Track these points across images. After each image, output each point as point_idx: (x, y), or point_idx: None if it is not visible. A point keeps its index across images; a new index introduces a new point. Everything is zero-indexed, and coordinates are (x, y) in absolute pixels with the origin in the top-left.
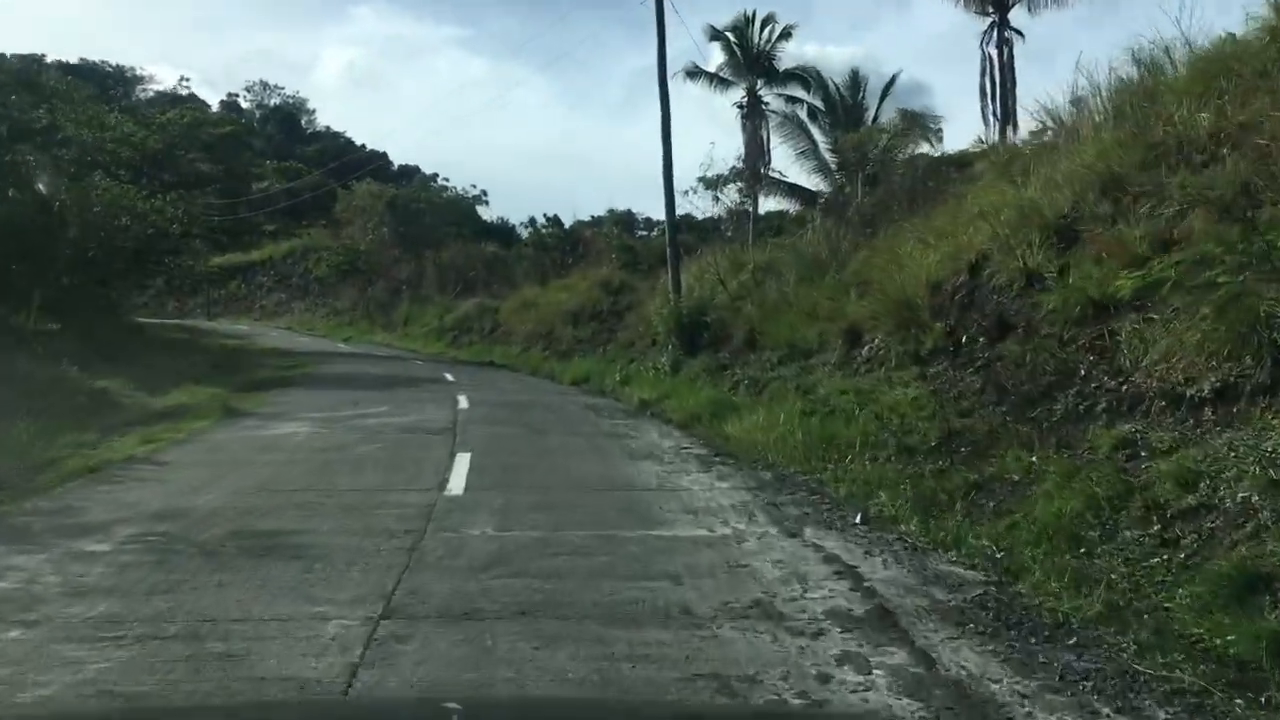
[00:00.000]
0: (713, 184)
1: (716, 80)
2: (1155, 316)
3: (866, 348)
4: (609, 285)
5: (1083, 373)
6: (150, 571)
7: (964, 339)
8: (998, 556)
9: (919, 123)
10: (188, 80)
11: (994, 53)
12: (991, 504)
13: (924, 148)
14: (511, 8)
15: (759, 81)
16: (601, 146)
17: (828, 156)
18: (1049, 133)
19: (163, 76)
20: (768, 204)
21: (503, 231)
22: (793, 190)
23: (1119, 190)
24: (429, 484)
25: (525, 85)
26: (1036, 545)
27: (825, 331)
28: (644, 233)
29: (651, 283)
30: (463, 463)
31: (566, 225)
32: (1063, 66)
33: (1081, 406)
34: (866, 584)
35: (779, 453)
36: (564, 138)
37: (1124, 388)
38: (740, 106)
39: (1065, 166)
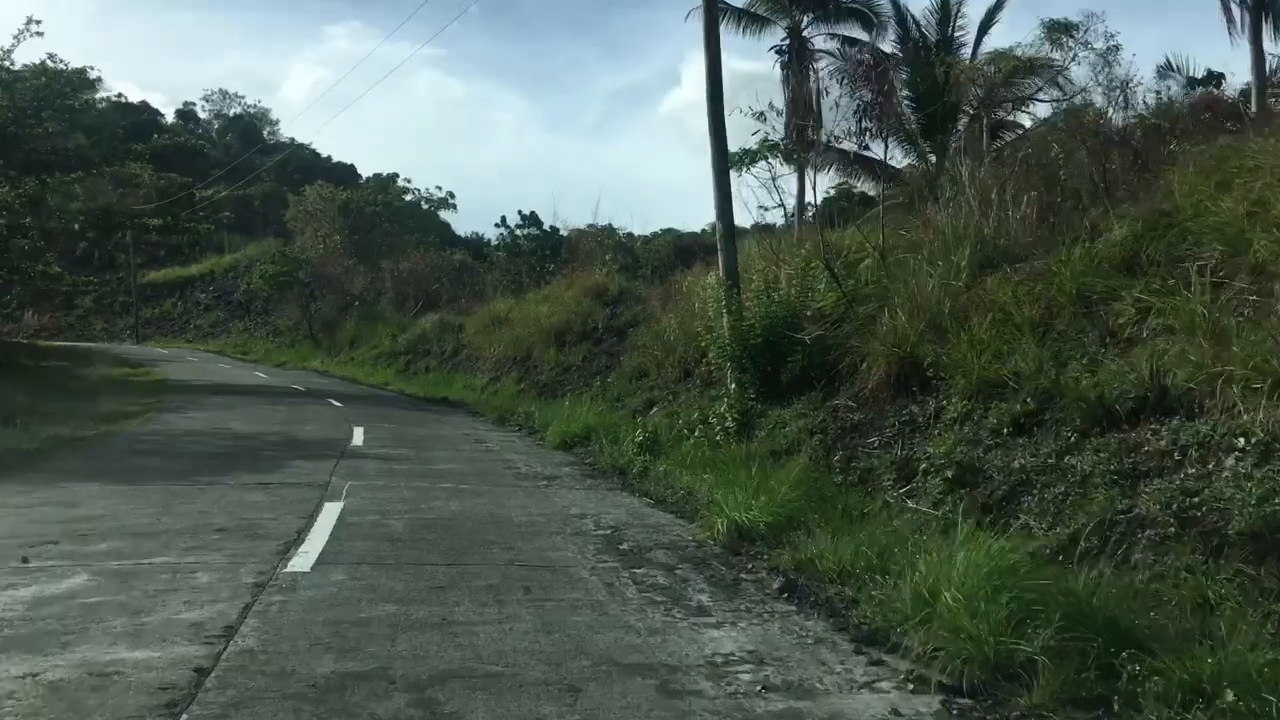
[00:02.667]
0: (740, 161)
1: (748, 19)
2: None
3: None
4: (604, 294)
5: None
6: None
7: None
8: None
9: (1071, 37)
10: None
11: None
12: None
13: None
14: (488, 28)
15: (805, 19)
16: (579, 168)
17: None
18: None
19: (121, 89)
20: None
21: (474, 245)
22: (857, 162)
23: None
24: None
25: (502, 105)
26: None
27: (1160, 357)
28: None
29: (664, 290)
30: None
31: (546, 226)
32: None
33: None
34: None
35: None
36: (541, 157)
37: None
38: (780, 52)
39: None
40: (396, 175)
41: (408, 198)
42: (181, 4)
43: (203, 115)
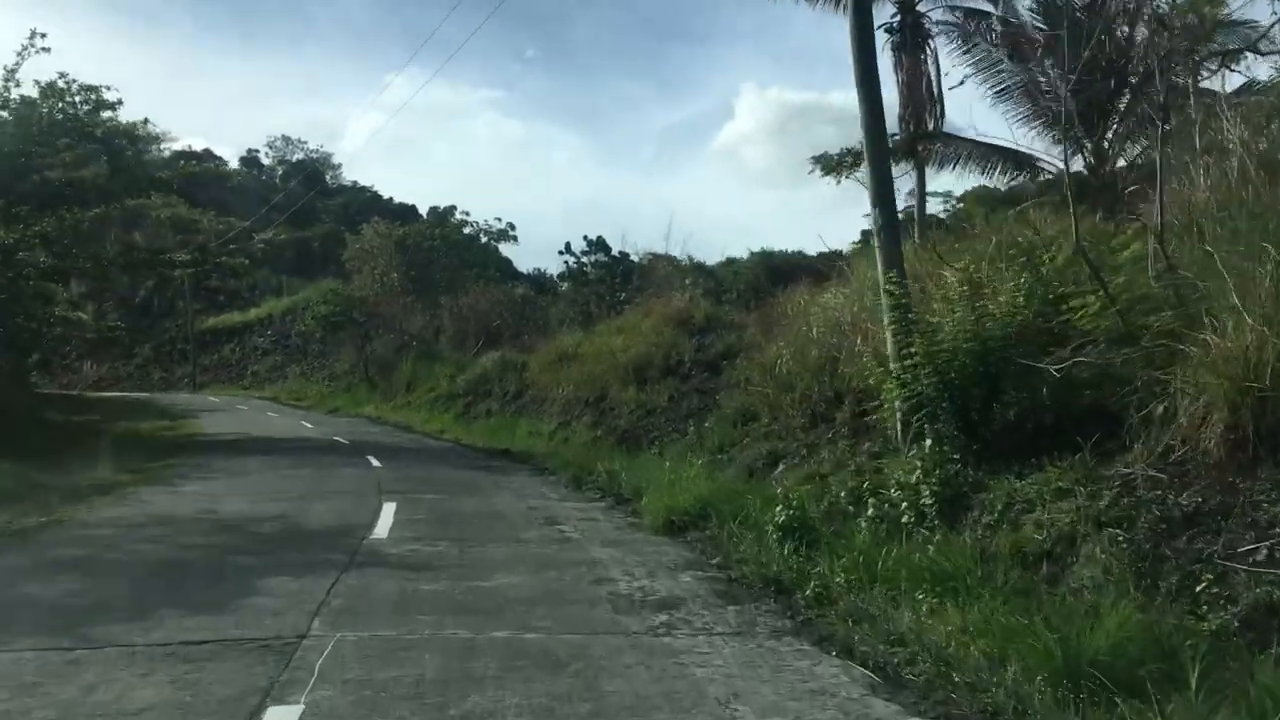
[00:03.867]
0: (833, 166)
1: None
2: None
3: None
4: (689, 322)
5: None
6: None
7: None
8: None
9: None
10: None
11: None
12: None
13: None
14: (546, 68)
15: None
16: (638, 203)
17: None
18: None
19: (189, 143)
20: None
21: (537, 281)
22: (996, 152)
23: None
24: None
25: (560, 143)
26: None
27: None
28: None
29: (762, 314)
30: None
31: (615, 252)
32: None
33: None
34: None
35: None
36: (598, 195)
37: None
38: (890, 31)
39: None
40: (454, 208)
41: (466, 230)
42: (246, 59)
43: (265, 161)
